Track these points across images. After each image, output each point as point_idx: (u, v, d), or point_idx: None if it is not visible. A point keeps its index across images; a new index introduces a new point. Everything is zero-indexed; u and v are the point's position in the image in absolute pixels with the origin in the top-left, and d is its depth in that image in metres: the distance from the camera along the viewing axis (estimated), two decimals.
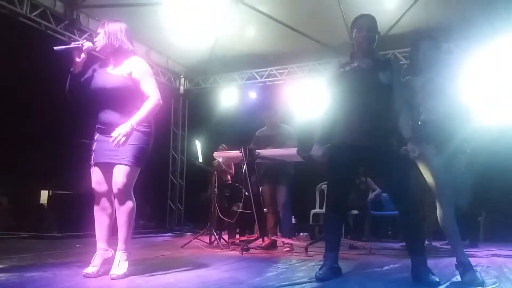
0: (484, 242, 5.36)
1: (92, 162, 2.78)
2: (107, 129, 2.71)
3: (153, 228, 7.92)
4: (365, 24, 2.78)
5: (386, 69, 2.74)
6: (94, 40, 2.80)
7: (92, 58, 2.85)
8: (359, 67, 2.81)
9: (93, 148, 2.79)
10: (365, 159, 2.75)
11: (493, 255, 4.13)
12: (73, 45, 2.72)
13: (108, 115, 2.73)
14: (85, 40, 2.79)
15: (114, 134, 2.53)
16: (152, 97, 2.71)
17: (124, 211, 2.69)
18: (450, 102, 2.63)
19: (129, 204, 2.70)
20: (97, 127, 2.79)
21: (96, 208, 2.80)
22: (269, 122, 5.15)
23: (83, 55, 2.71)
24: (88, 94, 2.77)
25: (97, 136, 2.80)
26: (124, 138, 2.54)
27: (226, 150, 5.75)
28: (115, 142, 2.51)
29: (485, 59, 6.37)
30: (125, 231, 2.70)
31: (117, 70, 2.79)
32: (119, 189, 2.65)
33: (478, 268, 3.18)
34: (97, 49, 2.77)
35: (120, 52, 2.78)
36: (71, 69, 2.73)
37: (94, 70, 2.82)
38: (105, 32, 2.75)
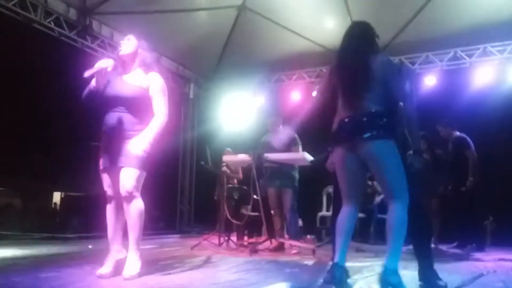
0: (491, 247, 5.34)
1: (101, 167, 2.85)
2: (114, 134, 2.78)
3: (162, 229, 8.00)
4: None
5: None
6: (121, 42, 2.89)
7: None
8: None
9: (100, 153, 2.86)
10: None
11: (500, 259, 4.10)
12: (98, 68, 2.76)
13: (117, 121, 2.79)
14: (107, 60, 2.84)
15: (132, 149, 2.67)
16: (159, 115, 2.84)
17: (133, 213, 2.74)
18: None
19: (138, 205, 2.75)
20: (104, 131, 2.85)
21: (108, 210, 2.87)
22: (272, 128, 5.24)
23: (106, 76, 2.81)
24: (101, 98, 2.84)
25: (103, 141, 2.85)
26: (142, 152, 2.68)
27: (231, 154, 5.82)
28: (134, 152, 2.67)
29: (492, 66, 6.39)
30: (135, 233, 2.75)
31: (134, 80, 2.88)
32: (127, 192, 2.71)
33: (484, 272, 3.20)
34: (121, 52, 2.86)
35: (144, 65, 2.91)
36: (95, 85, 2.81)
37: (110, 76, 2.89)
38: (139, 45, 2.91)
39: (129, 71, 2.92)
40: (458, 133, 5.49)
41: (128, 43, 2.89)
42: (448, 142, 5.55)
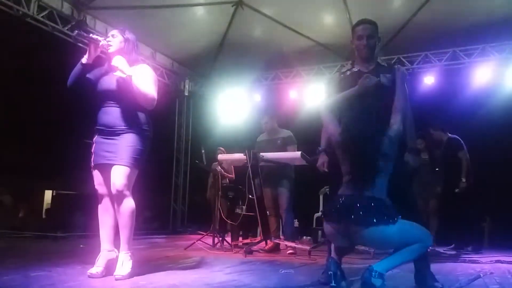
0: (488, 248, 5.33)
1: (92, 164, 2.81)
2: (106, 131, 2.74)
3: (155, 229, 7.94)
4: (365, 32, 2.73)
5: (387, 72, 2.71)
6: (107, 40, 2.85)
7: (99, 61, 2.91)
8: (360, 71, 2.80)
9: (92, 150, 2.82)
10: None
11: (497, 261, 4.08)
12: (92, 36, 2.81)
13: (108, 117, 2.75)
14: (103, 38, 2.84)
15: (115, 62, 2.68)
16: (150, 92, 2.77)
17: (124, 212, 2.70)
18: None
19: (129, 204, 2.71)
20: (96, 128, 2.81)
21: (100, 209, 2.83)
22: (266, 128, 5.19)
23: (98, 49, 2.78)
24: (91, 93, 2.81)
25: (96, 138, 2.81)
26: (119, 66, 2.67)
27: (224, 153, 5.77)
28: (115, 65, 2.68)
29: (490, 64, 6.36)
30: (127, 232, 2.71)
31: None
32: (117, 190, 2.66)
33: (481, 274, 3.16)
34: (110, 50, 2.82)
35: (132, 60, 2.86)
36: (82, 59, 2.77)
37: (100, 71, 2.87)
38: (125, 39, 2.85)
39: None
40: (450, 135, 5.51)
41: (114, 40, 2.84)
42: (440, 144, 5.56)
